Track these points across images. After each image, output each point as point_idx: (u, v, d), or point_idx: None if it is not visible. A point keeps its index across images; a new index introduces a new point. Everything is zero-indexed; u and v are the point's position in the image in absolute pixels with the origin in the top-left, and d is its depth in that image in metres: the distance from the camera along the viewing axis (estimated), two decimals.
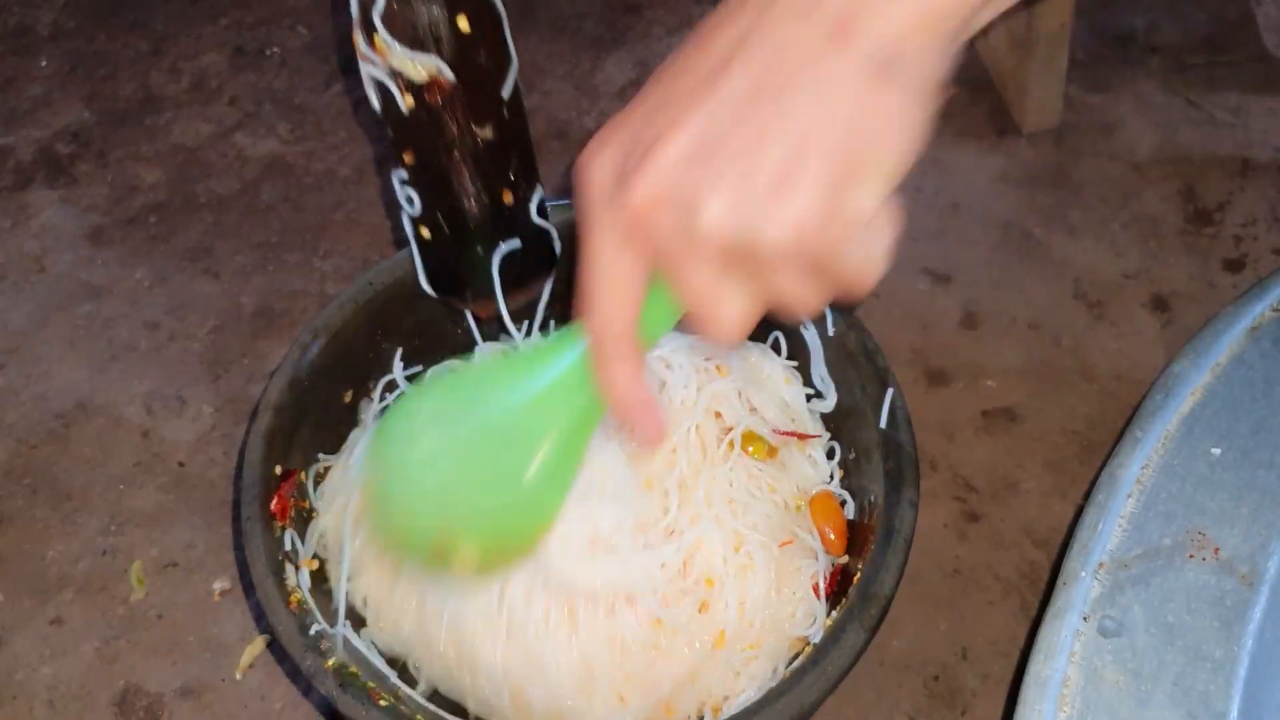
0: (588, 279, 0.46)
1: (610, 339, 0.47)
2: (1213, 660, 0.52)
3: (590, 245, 0.45)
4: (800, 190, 0.40)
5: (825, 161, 0.40)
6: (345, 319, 0.73)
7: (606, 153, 0.44)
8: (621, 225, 0.43)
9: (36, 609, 0.84)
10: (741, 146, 0.41)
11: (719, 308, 0.44)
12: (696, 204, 0.41)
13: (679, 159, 0.41)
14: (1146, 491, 0.57)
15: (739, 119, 0.41)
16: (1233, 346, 0.62)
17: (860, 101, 0.41)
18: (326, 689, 0.60)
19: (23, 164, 1.12)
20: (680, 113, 0.42)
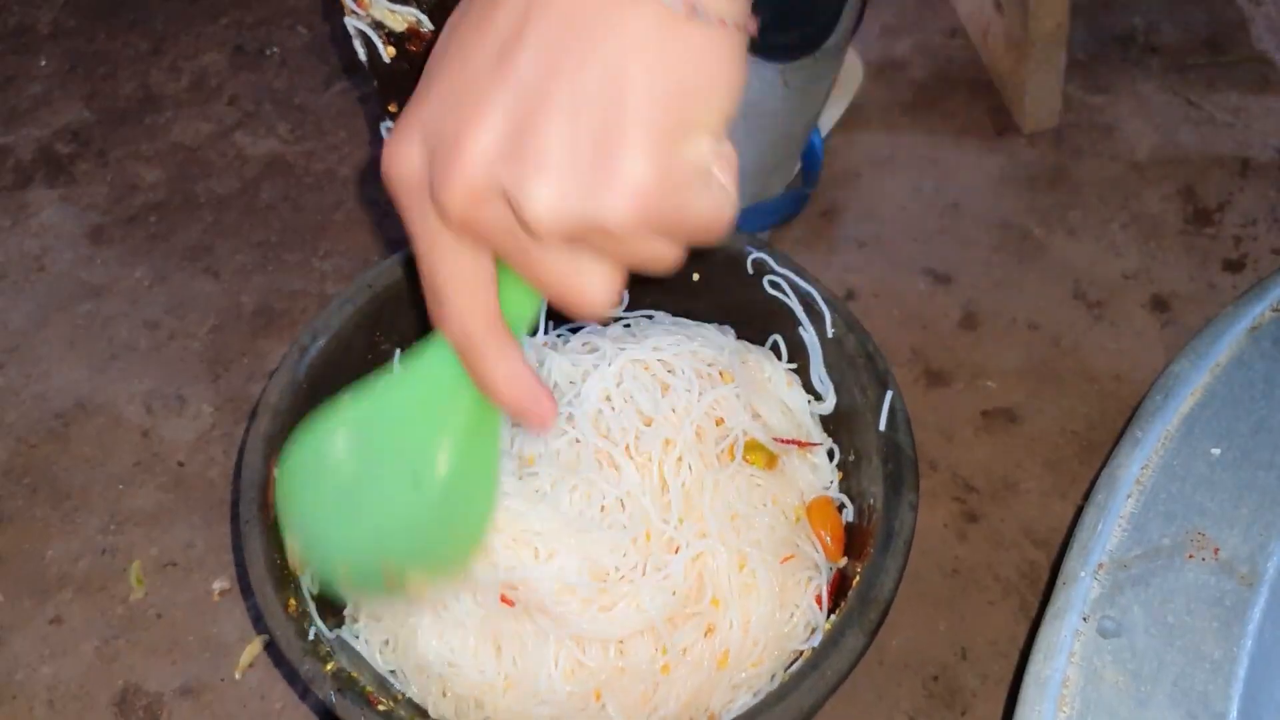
0: (430, 283, 0.44)
1: (476, 336, 0.44)
2: (1212, 660, 0.52)
3: (420, 248, 0.43)
4: (628, 158, 0.38)
5: (647, 121, 0.38)
6: (344, 320, 0.73)
7: (408, 149, 0.41)
8: (448, 225, 0.41)
9: (36, 608, 0.84)
10: (554, 124, 0.38)
11: (578, 287, 0.42)
12: (521, 195, 0.38)
13: (490, 149, 0.38)
14: (1146, 492, 0.57)
15: (543, 95, 0.38)
16: (1233, 347, 0.62)
17: (668, 50, 0.38)
18: (324, 694, 0.59)
19: (22, 163, 1.11)
20: (479, 99, 0.39)
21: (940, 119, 1.10)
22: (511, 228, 0.40)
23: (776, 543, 0.67)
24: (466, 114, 0.39)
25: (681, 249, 0.42)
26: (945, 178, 1.05)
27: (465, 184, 0.39)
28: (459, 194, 0.39)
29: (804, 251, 1.01)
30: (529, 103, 0.38)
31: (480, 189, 0.39)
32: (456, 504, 0.52)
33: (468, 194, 0.39)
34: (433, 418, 0.50)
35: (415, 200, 0.42)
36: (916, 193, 1.04)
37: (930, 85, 1.13)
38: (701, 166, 0.40)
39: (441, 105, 0.40)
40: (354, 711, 0.59)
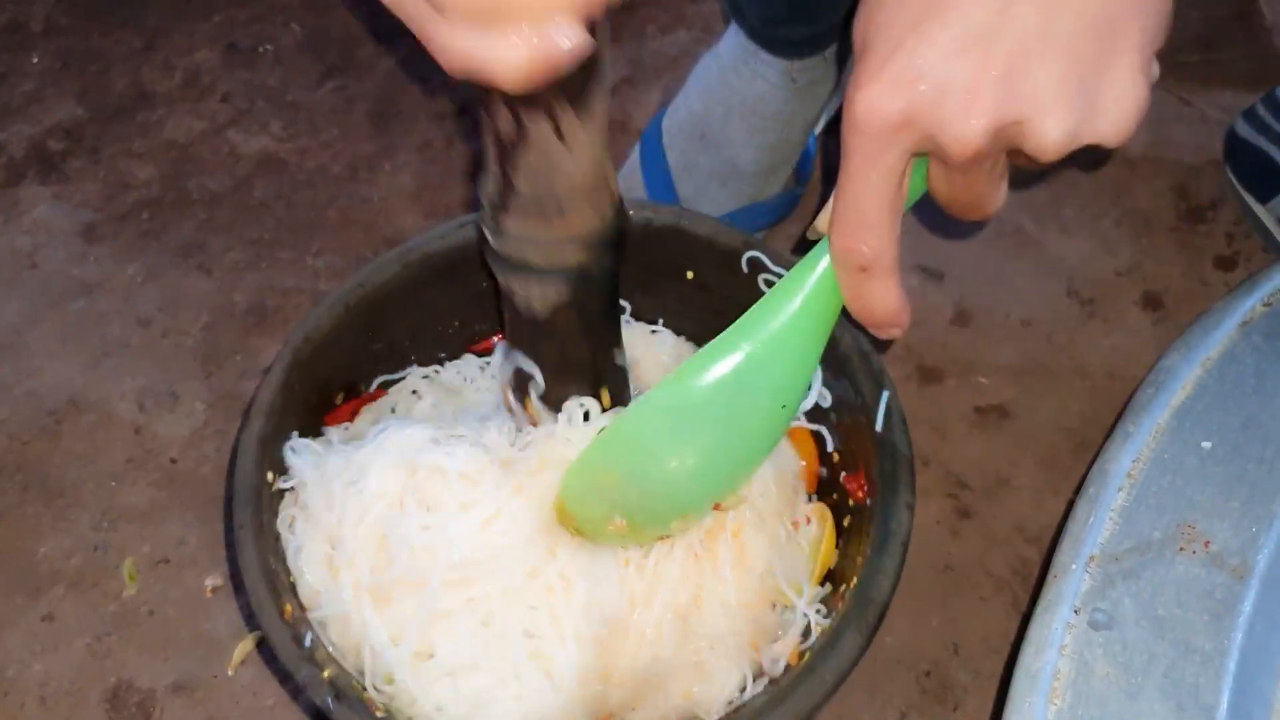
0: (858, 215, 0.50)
1: (887, 258, 0.51)
2: (1203, 653, 0.52)
3: (873, 180, 0.48)
4: (1131, 87, 0.44)
5: (1136, 47, 0.44)
6: (336, 320, 0.72)
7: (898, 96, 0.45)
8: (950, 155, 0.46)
9: (28, 605, 0.84)
10: (1058, 60, 0.43)
11: (992, 195, 0.50)
12: (1039, 125, 0.44)
13: (1011, 87, 0.44)
14: (1137, 485, 0.57)
15: (1045, 35, 0.43)
16: (1224, 341, 0.62)
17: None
18: (322, 700, 0.59)
19: (14, 160, 1.11)
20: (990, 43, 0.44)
21: None
22: (1000, 151, 0.47)
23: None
24: (981, 58, 0.44)
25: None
26: None
27: (994, 118, 0.44)
28: (981, 128, 0.44)
29: (798, 250, 1.01)
30: (1038, 43, 0.43)
31: (1005, 121, 0.44)
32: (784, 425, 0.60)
33: (993, 126, 0.44)
34: (809, 345, 0.57)
35: (891, 138, 0.46)
36: None
37: None
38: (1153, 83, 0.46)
39: (944, 54, 0.44)
40: (352, 718, 0.59)
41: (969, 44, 0.44)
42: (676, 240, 0.75)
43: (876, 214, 0.50)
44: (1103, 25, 0.43)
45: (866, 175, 0.48)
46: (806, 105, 0.96)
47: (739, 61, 0.94)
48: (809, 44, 0.92)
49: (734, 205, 0.98)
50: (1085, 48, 0.43)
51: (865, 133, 0.47)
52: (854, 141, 0.48)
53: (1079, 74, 0.43)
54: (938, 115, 0.45)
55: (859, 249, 0.51)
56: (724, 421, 0.58)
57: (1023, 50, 0.43)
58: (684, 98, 0.99)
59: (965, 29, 0.44)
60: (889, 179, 0.48)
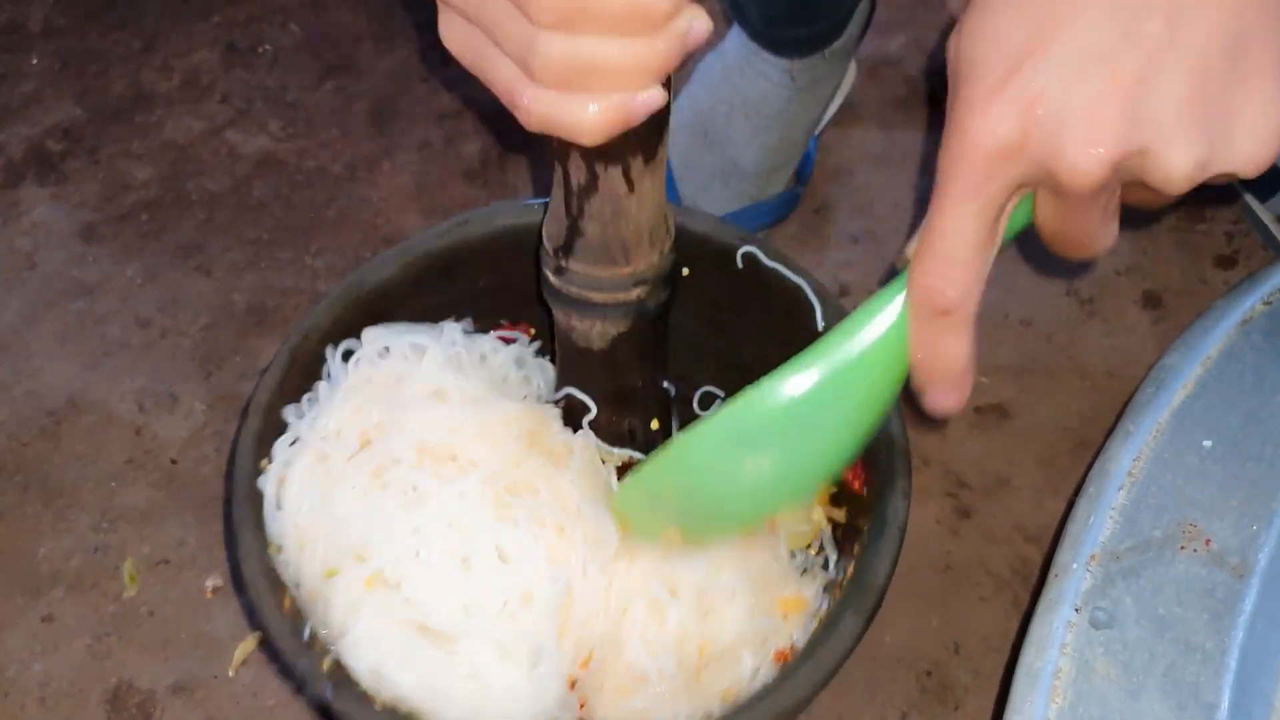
0: (946, 247, 0.45)
1: (963, 310, 0.47)
2: (1203, 652, 0.52)
3: (970, 212, 0.44)
4: (1266, 117, 0.41)
5: (1270, 70, 0.41)
6: (335, 318, 0.72)
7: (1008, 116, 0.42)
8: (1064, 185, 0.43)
9: (28, 606, 0.84)
10: (1184, 83, 0.40)
11: (1104, 233, 0.46)
12: (1166, 157, 0.41)
13: (1136, 113, 0.40)
14: (1138, 484, 0.57)
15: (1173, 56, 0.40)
16: (1224, 340, 0.62)
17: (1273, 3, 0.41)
18: (321, 693, 0.59)
19: (13, 161, 1.11)
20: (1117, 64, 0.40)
21: (934, 116, 1.10)
22: (1118, 183, 0.43)
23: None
24: (1104, 81, 0.40)
25: None
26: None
27: (1112, 149, 0.41)
28: (1101, 159, 0.41)
29: (797, 248, 1.01)
30: (1159, 64, 0.40)
31: (1127, 151, 0.41)
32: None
33: (1112, 158, 0.41)
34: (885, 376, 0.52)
35: (998, 165, 0.43)
36: (910, 190, 1.04)
37: (924, 82, 1.13)
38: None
39: (1062, 77, 0.41)
40: (352, 709, 0.59)
41: (1092, 64, 0.41)
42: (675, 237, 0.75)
43: (970, 251, 0.45)
44: (1236, 44, 0.40)
45: (965, 206, 0.44)
46: (808, 105, 0.96)
47: (741, 61, 0.94)
48: (810, 43, 0.92)
49: (736, 205, 0.98)
50: (1217, 68, 0.40)
51: (972, 159, 0.43)
52: (957, 168, 0.43)
53: (1210, 97, 0.40)
54: (1056, 143, 0.41)
55: (944, 290, 0.46)
56: (786, 447, 0.56)
57: (1150, 72, 0.40)
58: (687, 97, 0.99)
59: (1088, 48, 0.41)
60: (989, 212, 0.44)
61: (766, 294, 0.73)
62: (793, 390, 0.54)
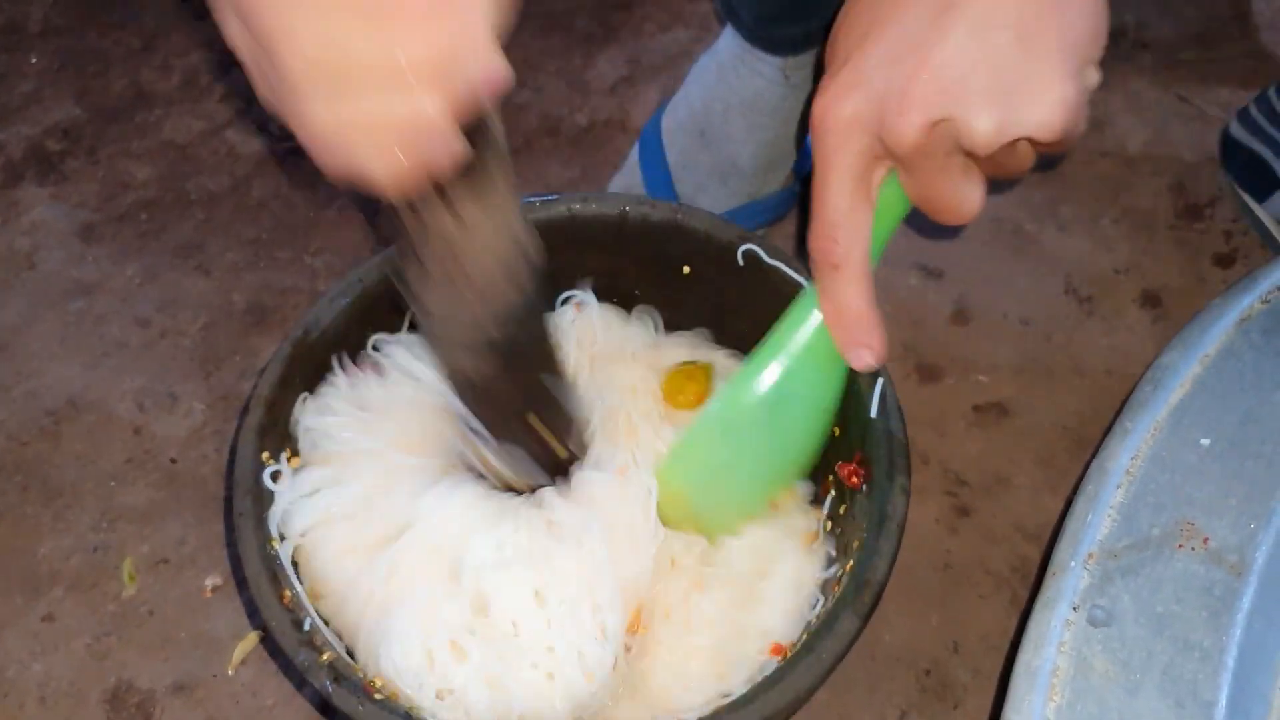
0: (832, 210, 0.54)
1: (851, 263, 0.55)
2: (1201, 650, 0.52)
3: (832, 181, 0.54)
4: (1059, 88, 0.49)
5: (1065, 53, 0.49)
6: (334, 316, 0.73)
7: (851, 98, 0.51)
8: (893, 151, 0.51)
9: (28, 605, 0.84)
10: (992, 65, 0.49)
11: (965, 196, 0.54)
12: (970, 121, 0.49)
13: (943, 88, 0.49)
14: (1136, 482, 0.57)
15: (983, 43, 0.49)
16: (1222, 338, 0.62)
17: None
18: (320, 684, 0.59)
19: (13, 160, 1.11)
20: (922, 51, 0.49)
21: None
22: (943, 150, 0.51)
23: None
24: (915, 64, 0.50)
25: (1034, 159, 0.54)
26: None
27: (924, 115, 0.50)
28: (917, 124, 0.50)
29: (797, 244, 1.01)
30: (968, 51, 0.49)
31: (935, 118, 0.50)
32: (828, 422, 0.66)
33: (925, 123, 0.50)
34: (834, 352, 0.61)
35: (843, 139, 0.52)
36: None
37: None
38: (1090, 89, 0.52)
39: (884, 63, 0.51)
40: (351, 701, 0.59)
41: (904, 52, 0.50)
42: (674, 235, 0.75)
43: (842, 211, 0.54)
44: (1027, 33, 0.49)
45: (828, 174, 0.53)
46: (803, 101, 0.96)
47: (736, 60, 0.94)
48: (803, 41, 0.92)
49: (734, 203, 0.98)
50: (1010, 52, 0.49)
51: (821, 134, 0.53)
52: (815, 144, 0.53)
53: (1004, 74, 0.49)
54: (879, 115, 0.51)
55: (829, 246, 0.55)
56: (770, 429, 0.64)
57: (952, 56, 0.49)
58: (683, 96, 0.99)
59: (901, 40, 0.50)
60: (848, 176, 0.53)
61: (767, 292, 0.74)
62: (760, 383, 0.63)
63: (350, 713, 0.58)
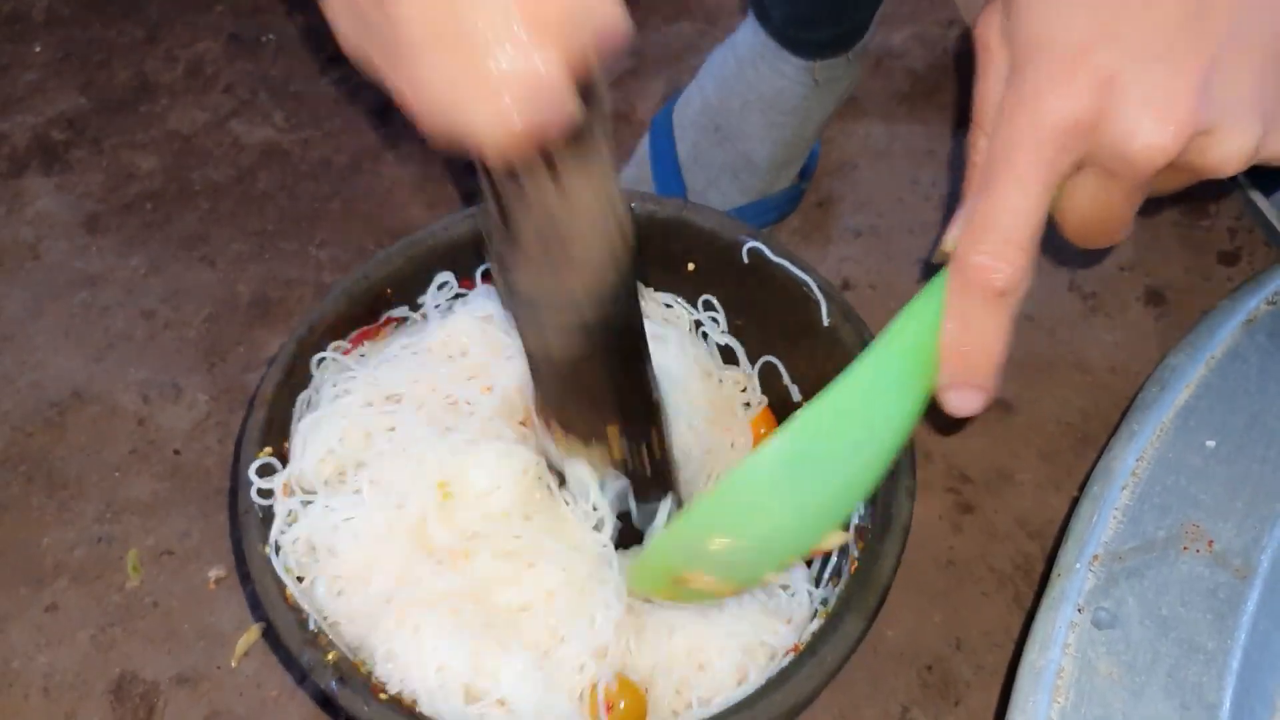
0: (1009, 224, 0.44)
1: (1009, 283, 0.45)
2: (1206, 652, 0.52)
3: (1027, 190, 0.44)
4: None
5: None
6: (340, 311, 0.73)
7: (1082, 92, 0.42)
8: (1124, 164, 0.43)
9: (32, 597, 0.84)
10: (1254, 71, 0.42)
11: (1128, 219, 0.46)
12: (1230, 137, 0.42)
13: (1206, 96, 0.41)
14: (1141, 484, 0.57)
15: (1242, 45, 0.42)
16: (1228, 340, 0.62)
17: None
18: (326, 683, 0.59)
19: (17, 151, 1.11)
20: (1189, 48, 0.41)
21: (937, 110, 1.10)
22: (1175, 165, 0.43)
23: None
24: (1176, 62, 0.41)
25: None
26: (942, 169, 1.05)
27: (1177, 128, 0.41)
28: (1166, 138, 0.41)
29: (800, 242, 1.01)
30: (1232, 45, 0.41)
31: (1192, 131, 0.41)
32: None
33: (1176, 137, 0.41)
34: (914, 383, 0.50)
35: (1060, 146, 0.43)
36: (913, 184, 1.04)
37: (927, 76, 1.13)
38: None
39: (1139, 56, 0.42)
40: (356, 701, 0.59)
41: (1163, 49, 0.41)
42: (680, 232, 0.75)
43: (1030, 230, 0.44)
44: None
45: (1032, 184, 0.43)
46: (825, 102, 0.96)
47: (757, 57, 0.94)
48: (831, 45, 0.92)
49: (744, 199, 0.97)
50: (1275, 62, 0.42)
51: (1044, 136, 0.43)
52: (1025, 145, 0.43)
53: (1268, 86, 0.42)
54: (1130, 119, 0.42)
55: (1001, 269, 0.44)
56: (830, 467, 0.52)
57: (1217, 59, 0.41)
58: (697, 90, 0.98)
59: (1162, 27, 0.41)
60: (1047, 192, 0.44)
61: (772, 289, 0.74)
62: (831, 410, 0.51)
63: (356, 713, 0.58)
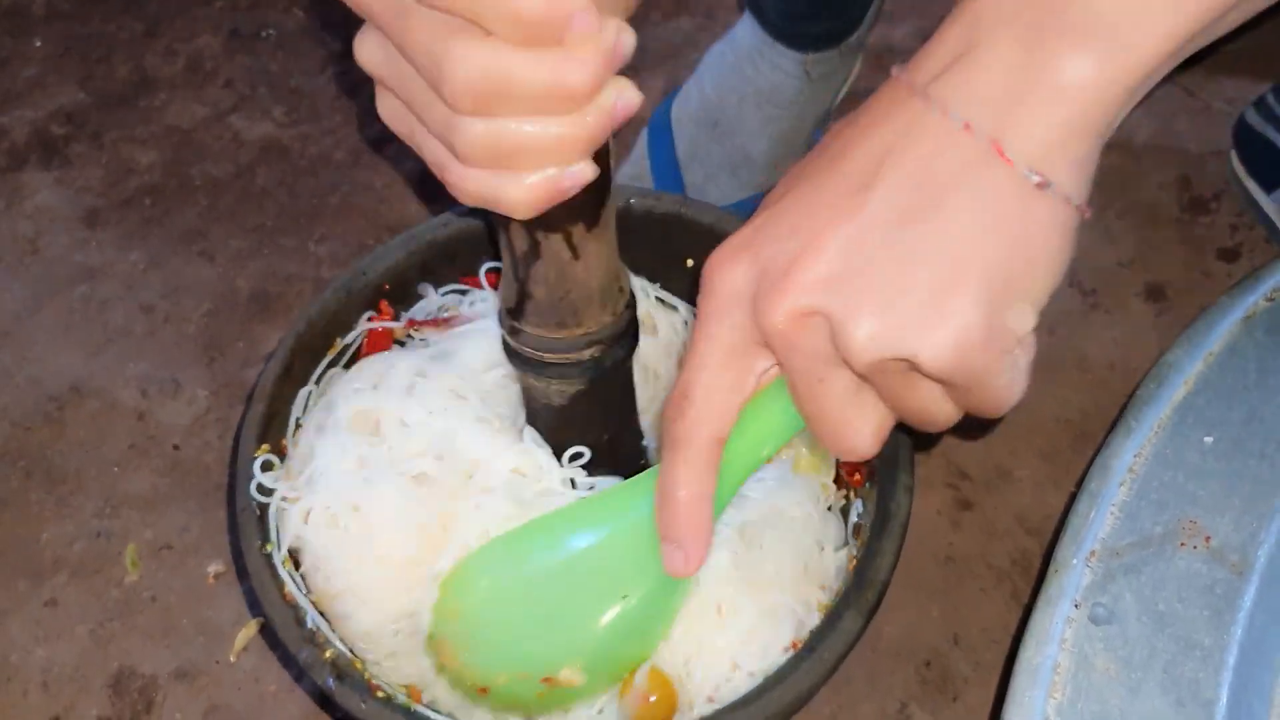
0: (686, 382, 0.46)
1: (692, 445, 0.47)
2: (1203, 648, 0.52)
3: (701, 349, 0.46)
4: (961, 306, 0.40)
5: (984, 280, 0.40)
6: (339, 306, 0.73)
7: (740, 263, 0.44)
8: (763, 337, 0.44)
9: (31, 591, 0.84)
10: (891, 263, 0.40)
11: (851, 427, 0.45)
12: (845, 323, 0.41)
13: (826, 277, 0.41)
14: (1139, 480, 0.57)
15: (888, 238, 0.40)
16: (1226, 336, 0.62)
17: (1019, 218, 0.40)
18: (323, 680, 0.59)
19: (16, 145, 1.11)
20: (824, 228, 0.41)
21: None
22: (818, 354, 0.42)
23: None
24: (806, 241, 0.42)
25: (959, 413, 0.44)
26: None
27: (794, 302, 0.41)
28: (785, 310, 0.42)
29: None
30: (868, 242, 0.41)
31: (807, 309, 0.41)
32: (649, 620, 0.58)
33: (794, 311, 0.42)
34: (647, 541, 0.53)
35: (722, 307, 0.45)
36: None
37: None
38: (1019, 337, 0.42)
39: (781, 232, 0.43)
40: (353, 698, 0.59)
41: (803, 226, 0.42)
42: (678, 228, 0.75)
43: (700, 385, 0.46)
44: (945, 239, 0.40)
45: (698, 339, 0.46)
46: (821, 95, 0.96)
47: (754, 52, 0.94)
48: (827, 38, 0.92)
49: (742, 195, 0.98)
50: (917, 257, 0.40)
51: (703, 297, 0.46)
52: (701, 304, 0.46)
53: (902, 281, 0.40)
54: (759, 291, 0.43)
55: (674, 415, 0.47)
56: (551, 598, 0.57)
57: (851, 244, 0.41)
58: (695, 86, 0.99)
59: (806, 213, 0.42)
60: (718, 350, 0.45)
61: None
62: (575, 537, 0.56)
63: (353, 710, 0.58)
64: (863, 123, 0.43)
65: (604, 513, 0.56)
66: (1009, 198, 0.40)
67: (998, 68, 0.40)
